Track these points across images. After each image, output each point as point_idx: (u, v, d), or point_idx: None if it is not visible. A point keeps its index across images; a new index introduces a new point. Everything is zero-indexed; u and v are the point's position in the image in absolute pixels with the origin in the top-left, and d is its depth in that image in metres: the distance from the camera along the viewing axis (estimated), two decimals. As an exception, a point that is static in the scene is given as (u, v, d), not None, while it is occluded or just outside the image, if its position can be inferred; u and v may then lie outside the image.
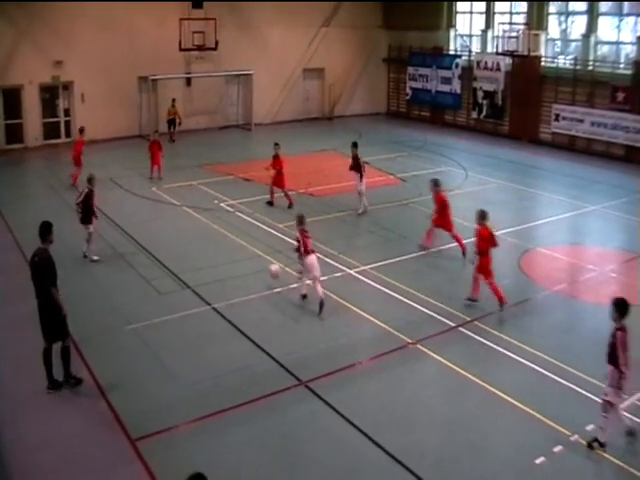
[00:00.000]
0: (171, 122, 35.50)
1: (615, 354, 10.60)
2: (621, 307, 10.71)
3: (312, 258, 15.73)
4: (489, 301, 16.07)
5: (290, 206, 23.16)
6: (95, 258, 18.52)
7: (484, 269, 15.78)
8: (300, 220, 16.23)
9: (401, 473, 10.26)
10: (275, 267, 16.96)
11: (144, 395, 12.35)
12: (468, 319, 15.13)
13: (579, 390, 12.36)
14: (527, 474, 10.28)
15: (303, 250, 15.69)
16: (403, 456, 10.58)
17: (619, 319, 10.71)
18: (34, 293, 12.22)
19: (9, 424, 11.49)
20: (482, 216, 15.95)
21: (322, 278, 16.33)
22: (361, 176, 22.87)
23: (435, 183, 19.20)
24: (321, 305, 15.49)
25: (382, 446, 10.83)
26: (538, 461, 10.47)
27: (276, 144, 23.55)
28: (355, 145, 23.54)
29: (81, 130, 27.26)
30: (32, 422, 11.57)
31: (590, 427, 11.18)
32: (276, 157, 23.33)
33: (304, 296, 16.26)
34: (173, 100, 35.79)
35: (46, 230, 12.28)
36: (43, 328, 12.22)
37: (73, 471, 10.37)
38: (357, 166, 22.99)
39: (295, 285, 16.85)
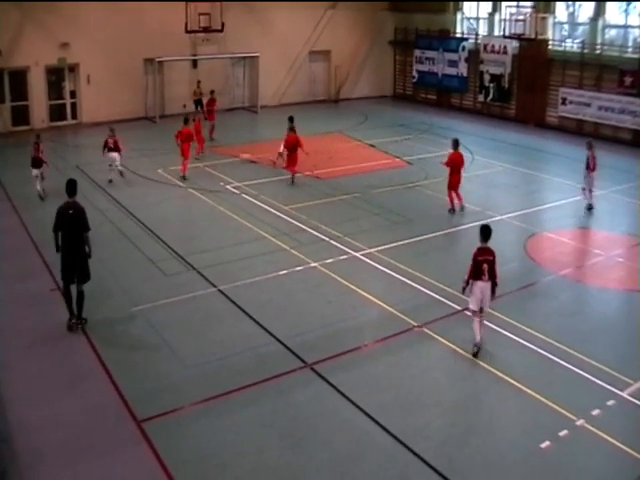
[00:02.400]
0: (198, 102, 35.55)
1: None
2: (482, 231, 13.17)
3: (114, 154, 24.13)
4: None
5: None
6: (42, 193, 22.51)
7: (290, 162, 23.91)
8: (111, 129, 24.65)
9: (406, 455, 10.28)
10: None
11: (150, 376, 12.39)
12: (474, 303, 15.10)
13: (584, 374, 12.36)
14: (533, 458, 10.28)
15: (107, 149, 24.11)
16: (408, 438, 10.60)
17: (482, 241, 13.09)
18: (64, 241, 13.61)
19: (15, 403, 11.53)
20: (291, 126, 24.12)
21: (328, 261, 17.27)
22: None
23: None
24: (121, 173, 24.50)
25: (387, 428, 10.85)
26: (544, 445, 10.47)
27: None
28: (291, 119, 25.38)
29: (212, 92, 32.16)
30: (37, 402, 11.62)
31: (596, 412, 11.21)
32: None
33: (110, 180, 24.27)
34: (198, 82, 35.82)
35: (74, 186, 14.11)
36: (73, 271, 13.66)
37: (78, 452, 10.39)
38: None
39: (300, 268, 16.94)
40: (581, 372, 12.44)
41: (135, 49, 35.22)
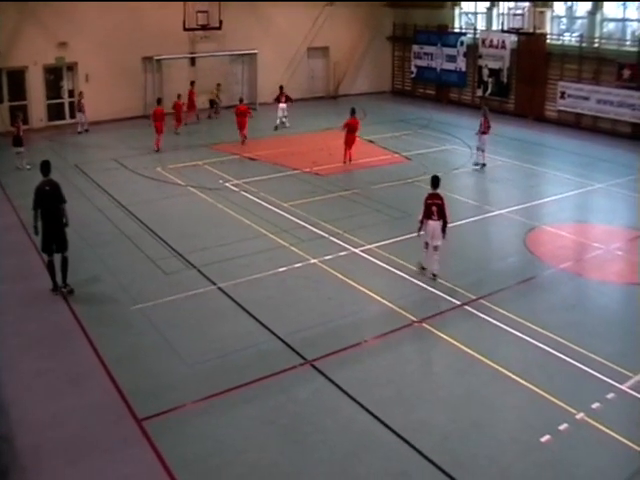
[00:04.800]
0: (212, 102, 37.17)
1: None
2: (432, 180, 16.09)
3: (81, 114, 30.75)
4: (495, 279, 16.12)
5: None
6: (28, 167, 25.38)
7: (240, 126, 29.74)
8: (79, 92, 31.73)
9: (407, 451, 10.29)
10: None
11: (151, 374, 12.40)
12: (473, 297, 15.12)
13: (584, 368, 12.37)
14: (533, 452, 10.29)
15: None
16: (409, 434, 10.62)
17: (432, 188, 15.93)
18: (44, 216, 14.99)
19: (16, 403, 11.56)
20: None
21: (327, 257, 17.34)
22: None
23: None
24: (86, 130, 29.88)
25: (388, 424, 10.86)
26: (544, 439, 10.49)
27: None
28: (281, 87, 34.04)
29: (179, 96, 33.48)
30: (38, 402, 11.63)
31: (596, 405, 11.23)
32: None
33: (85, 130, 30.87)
34: (218, 85, 37.27)
35: (48, 166, 15.64)
36: (53, 241, 15.12)
37: (80, 450, 10.40)
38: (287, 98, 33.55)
39: (299, 264, 16.95)
40: (581, 365, 12.46)
41: (133, 47, 35.20)
